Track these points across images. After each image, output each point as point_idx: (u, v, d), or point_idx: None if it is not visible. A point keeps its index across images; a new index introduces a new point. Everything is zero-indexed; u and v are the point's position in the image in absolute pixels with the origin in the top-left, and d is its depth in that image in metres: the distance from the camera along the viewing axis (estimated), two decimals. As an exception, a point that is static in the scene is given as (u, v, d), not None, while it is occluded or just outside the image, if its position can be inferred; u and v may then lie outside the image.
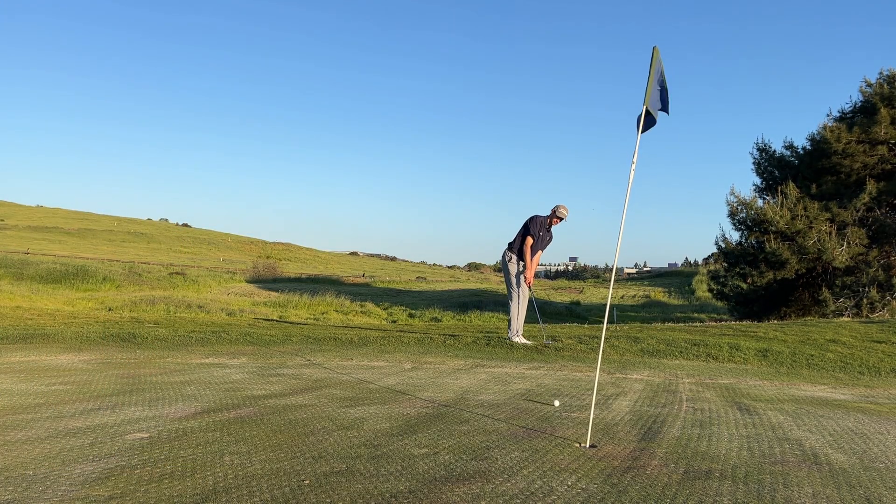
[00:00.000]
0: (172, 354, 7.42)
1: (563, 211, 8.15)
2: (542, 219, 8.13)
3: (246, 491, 2.53)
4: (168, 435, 3.44)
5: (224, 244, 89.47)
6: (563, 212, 8.15)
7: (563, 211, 8.15)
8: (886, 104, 20.77)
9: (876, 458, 3.26)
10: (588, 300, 48.82)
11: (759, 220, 21.18)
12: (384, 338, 9.16)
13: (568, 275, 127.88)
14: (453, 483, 2.69)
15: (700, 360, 7.45)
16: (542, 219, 8.13)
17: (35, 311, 12.71)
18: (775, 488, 2.71)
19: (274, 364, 6.67)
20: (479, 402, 4.61)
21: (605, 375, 6.16)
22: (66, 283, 25.44)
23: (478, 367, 6.58)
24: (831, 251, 19.59)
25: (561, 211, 8.15)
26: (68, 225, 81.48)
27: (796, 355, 7.53)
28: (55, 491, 2.50)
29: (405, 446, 3.27)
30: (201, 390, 4.93)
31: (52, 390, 4.82)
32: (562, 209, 8.16)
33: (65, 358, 6.93)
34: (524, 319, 8.35)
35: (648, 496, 2.57)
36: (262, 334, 9.35)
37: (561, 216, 8.14)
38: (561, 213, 8.14)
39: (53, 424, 3.66)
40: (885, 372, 6.76)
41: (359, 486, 2.61)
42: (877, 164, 21.16)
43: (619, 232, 3.76)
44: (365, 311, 25.13)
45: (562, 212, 8.14)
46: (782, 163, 24.36)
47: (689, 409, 4.54)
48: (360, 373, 6.11)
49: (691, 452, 3.28)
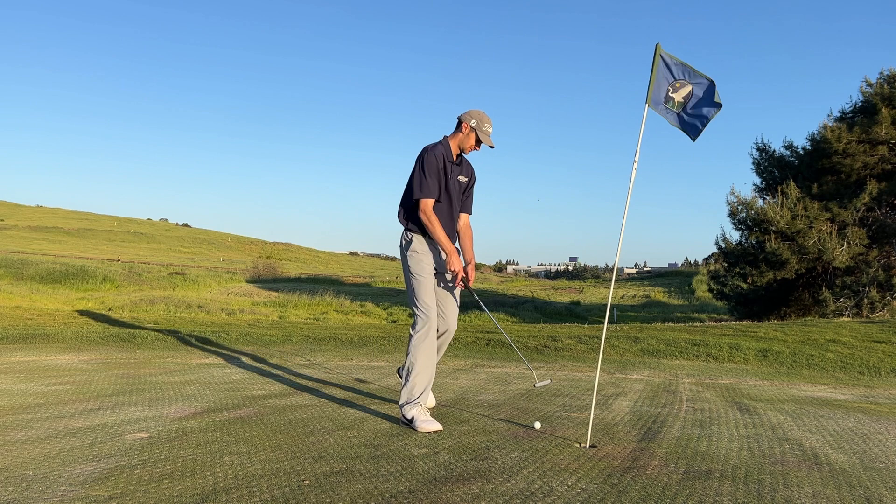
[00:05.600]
0: (172, 354, 7.41)
1: (486, 125, 3.90)
2: (441, 150, 3.88)
3: (246, 491, 2.53)
4: (168, 435, 3.44)
5: (224, 244, 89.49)
6: (487, 126, 3.91)
7: (486, 125, 3.90)
8: (887, 104, 20.76)
9: (876, 459, 3.26)
10: (588, 300, 48.78)
11: (759, 220, 21.17)
12: (384, 338, 9.16)
13: (568, 275, 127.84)
14: (453, 483, 2.69)
15: (700, 360, 7.45)
16: (441, 150, 3.88)
17: (35, 311, 12.71)
18: (775, 488, 2.70)
19: (274, 364, 6.67)
20: (479, 402, 4.61)
21: (605, 375, 6.16)
22: (66, 283, 25.44)
23: (478, 367, 6.58)
24: (831, 251, 19.59)
25: (485, 125, 3.90)
26: (68, 225, 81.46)
27: (796, 355, 7.53)
28: (55, 491, 2.50)
29: (405, 446, 3.27)
30: (201, 390, 4.93)
31: (52, 390, 4.82)
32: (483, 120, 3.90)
33: (65, 358, 6.93)
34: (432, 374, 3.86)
35: (648, 496, 2.57)
36: (262, 334, 9.35)
37: (485, 130, 3.90)
38: (485, 127, 3.90)
39: (53, 424, 3.66)
40: (886, 372, 6.75)
41: (359, 486, 2.61)
42: (877, 164, 21.16)
43: (621, 232, 3.76)
44: (365, 311, 25.12)
45: (486, 126, 3.90)
46: (782, 163, 24.35)
47: (689, 409, 4.54)
48: (360, 373, 6.11)
49: (691, 452, 3.27)
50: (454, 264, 3.86)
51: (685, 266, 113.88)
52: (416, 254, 3.89)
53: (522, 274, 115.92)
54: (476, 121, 3.87)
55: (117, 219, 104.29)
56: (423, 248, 3.91)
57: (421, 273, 3.85)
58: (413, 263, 3.87)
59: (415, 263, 3.87)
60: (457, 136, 3.92)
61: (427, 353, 3.75)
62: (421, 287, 3.82)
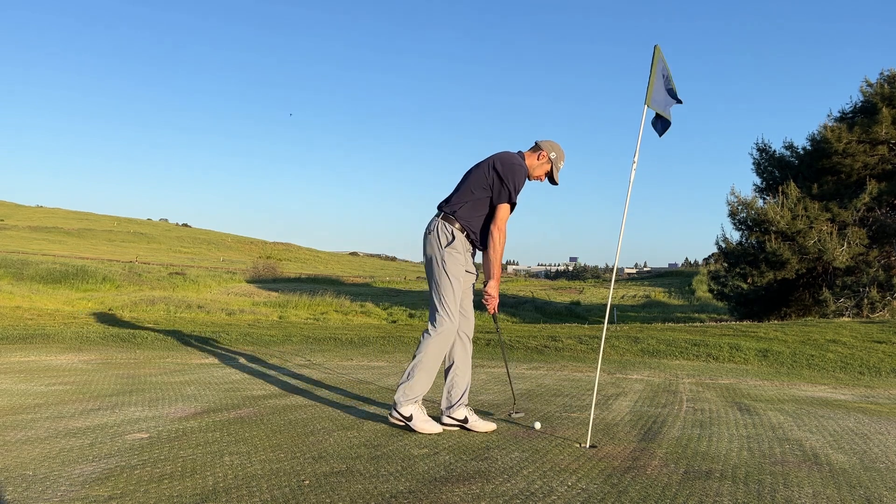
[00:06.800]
0: (172, 354, 7.41)
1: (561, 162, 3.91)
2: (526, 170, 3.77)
3: (246, 491, 2.53)
4: (168, 435, 3.44)
5: (224, 244, 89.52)
6: (562, 163, 3.92)
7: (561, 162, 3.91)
8: (887, 104, 20.76)
9: (876, 459, 3.26)
10: (588, 300, 48.76)
11: (759, 220, 21.18)
12: (384, 338, 9.16)
13: (568, 275, 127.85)
14: (453, 483, 2.69)
15: (700, 360, 7.45)
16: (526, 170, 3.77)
17: (35, 311, 12.71)
18: (775, 488, 2.70)
19: (274, 364, 6.67)
20: (479, 402, 4.61)
21: (605, 375, 6.15)
22: (66, 283, 25.44)
23: (478, 367, 6.58)
24: (832, 251, 19.59)
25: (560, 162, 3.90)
26: (68, 225, 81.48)
27: (797, 355, 7.52)
28: (55, 491, 2.50)
29: (405, 446, 3.27)
30: (201, 390, 4.93)
31: (52, 390, 4.82)
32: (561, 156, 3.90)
33: (65, 358, 6.93)
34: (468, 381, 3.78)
35: (648, 496, 2.57)
36: (262, 334, 9.35)
37: (559, 167, 3.91)
38: (560, 164, 3.91)
39: (53, 424, 3.66)
40: (886, 372, 6.75)
41: (359, 487, 2.61)
42: (877, 164, 21.16)
43: (620, 232, 3.75)
44: (365, 311, 25.10)
45: (561, 164, 3.91)
46: (782, 163, 24.35)
47: (690, 409, 4.54)
48: (360, 373, 6.11)
49: (691, 453, 3.27)
50: (493, 290, 3.69)
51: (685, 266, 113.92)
52: (456, 253, 3.64)
53: (522, 274, 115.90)
54: (556, 155, 3.82)
55: (117, 219, 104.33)
56: (463, 249, 3.68)
57: (457, 275, 3.63)
58: (452, 263, 3.62)
59: (453, 264, 3.63)
60: (532, 160, 3.79)
61: (436, 355, 3.59)
62: (453, 289, 3.61)
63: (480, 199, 3.65)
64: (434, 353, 3.58)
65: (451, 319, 3.59)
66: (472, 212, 3.66)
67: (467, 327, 3.77)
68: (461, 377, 3.68)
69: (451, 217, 3.65)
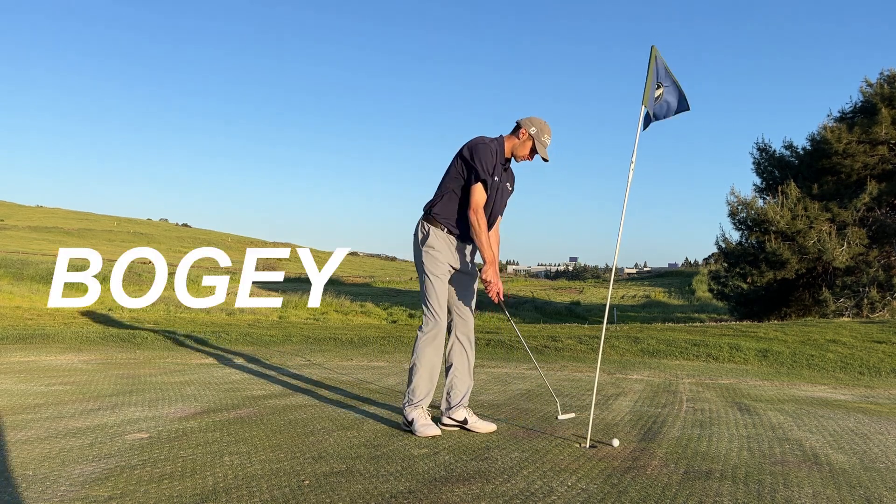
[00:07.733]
0: (172, 355, 7.42)
1: (545, 136, 3.61)
2: (495, 146, 3.57)
3: (246, 491, 2.53)
4: (168, 435, 3.44)
5: (224, 244, 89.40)
6: (546, 137, 3.62)
7: (545, 136, 3.61)
8: (887, 104, 20.78)
9: (876, 459, 3.26)
10: (588, 300, 48.79)
11: (759, 220, 21.19)
12: (384, 338, 9.16)
13: (568, 275, 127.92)
14: (453, 483, 2.69)
15: (700, 360, 7.45)
16: (495, 146, 3.57)
17: (35, 311, 12.71)
18: (775, 488, 2.70)
19: (274, 364, 6.67)
20: (479, 402, 4.60)
21: (605, 375, 6.15)
22: (66, 283, 25.45)
23: (477, 367, 6.58)
24: (831, 251, 19.60)
25: (544, 136, 3.61)
26: (68, 225, 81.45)
27: (796, 355, 7.52)
28: (55, 491, 2.50)
29: (405, 446, 3.27)
30: (201, 390, 4.93)
31: (52, 390, 4.82)
32: (544, 130, 3.62)
33: (65, 358, 6.93)
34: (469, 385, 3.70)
35: (648, 496, 2.57)
36: (262, 334, 9.35)
37: (543, 141, 3.61)
38: (544, 138, 3.61)
39: (53, 424, 3.65)
40: (886, 372, 6.75)
41: (359, 486, 2.61)
42: (877, 164, 21.18)
43: (619, 232, 3.75)
44: (365, 311, 25.11)
45: (545, 137, 3.61)
46: (782, 163, 24.37)
47: (690, 409, 4.54)
48: (360, 373, 6.11)
49: (691, 453, 3.27)
50: (491, 275, 3.50)
51: (685, 266, 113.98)
52: (432, 250, 3.54)
53: (522, 274, 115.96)
54: (536, 129, 3.58)
55: (117, 219, 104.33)
56: (441, 245, 3.56)
57: (436, 272, 3.52)
58: (428, 261, 3.54)
59: (430, 261, 3.53)
60: (512, 140, 3.62)
61: (430, 357, 3.53)
62: (434, 288, 3.51)
63: (455, 189, 3.57)
64: (425, 354, 3.53)
65: (436, 318, 3.52)
66: (449, 204, 3.58)
67: (465, 329, 3.68)
68: (460, 379, 3.66)
69: (430, 216, 3.60)
